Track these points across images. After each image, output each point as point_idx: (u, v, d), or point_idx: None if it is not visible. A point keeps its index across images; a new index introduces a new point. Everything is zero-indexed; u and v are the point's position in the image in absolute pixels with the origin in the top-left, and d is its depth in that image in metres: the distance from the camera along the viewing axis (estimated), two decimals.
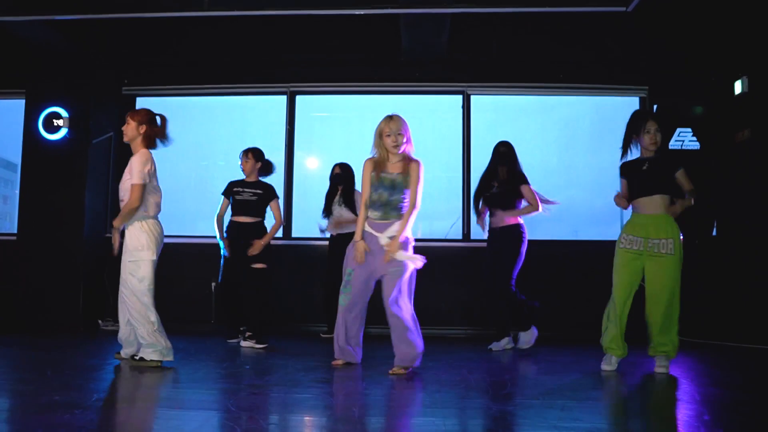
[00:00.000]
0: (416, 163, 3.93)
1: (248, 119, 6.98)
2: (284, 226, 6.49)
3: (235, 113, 6.98)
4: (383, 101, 6.88)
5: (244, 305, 5.10)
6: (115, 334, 5.83)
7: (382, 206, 3.91)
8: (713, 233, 6.13)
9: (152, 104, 6.84)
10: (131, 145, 4.04)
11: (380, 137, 3.89)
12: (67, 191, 6.18)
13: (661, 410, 3.15)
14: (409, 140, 3.92)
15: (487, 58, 6.44)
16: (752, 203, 5.66)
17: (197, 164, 7.27)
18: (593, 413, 2.94)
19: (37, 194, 6.21)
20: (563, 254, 6.23)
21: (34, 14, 5.53)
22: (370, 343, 4.34)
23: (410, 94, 6.61)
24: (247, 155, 5.22)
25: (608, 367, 4.03)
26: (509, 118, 6.69)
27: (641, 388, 3.69)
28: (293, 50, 6.48)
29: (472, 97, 6.52)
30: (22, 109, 6.41)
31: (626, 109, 6.49)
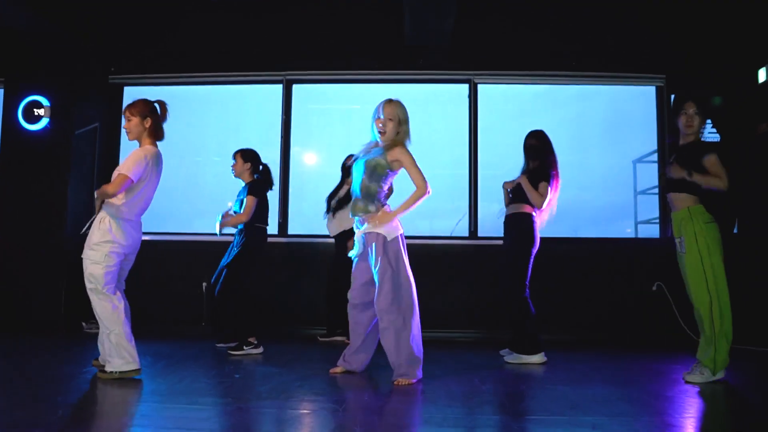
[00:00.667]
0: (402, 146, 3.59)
1: (242, 110, 6.64)
2: (280, 223, 6.13)
3: (228, 104, 6.63)
4: (385, 91, 6.51)
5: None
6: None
7: (355, 193, 3.65)
8: (734, 230, 5.80)
9: (140, 94, 6.52)
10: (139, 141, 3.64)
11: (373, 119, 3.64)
12: (48, 185, 5.81)
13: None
14: (401, 126, 3.61)
15: (495, 44, 6.08)
16: None
17: (191, 160, 6.94)
18: None
19: (16, 188, 5.83)
20: (565, 252, 5.87)
21: None
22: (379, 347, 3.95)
23: (413, 82, 6.25)
24: (234, 157, 4.90)
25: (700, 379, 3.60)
26: (519, 108, 6.34)
27: (676, 399, 3.33)
28: (289, 36, 6.14)
29: (479, 86, 6.16)
30: (0, 97, 6.05)
31: (641, 99, 6.24)
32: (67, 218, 5.82)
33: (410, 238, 3.93)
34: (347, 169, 5.37)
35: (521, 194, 4.42)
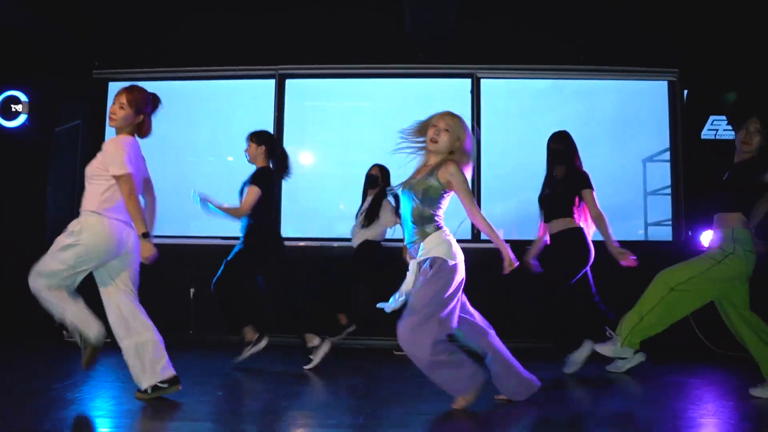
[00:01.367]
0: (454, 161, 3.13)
1: (233, 106, 6.33)
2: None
3: (218, 100, 6.32)
4: (383, 87, 6.26)
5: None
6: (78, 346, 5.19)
7: (406, 222, 3.22)
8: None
9: None
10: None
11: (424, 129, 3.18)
12: (26, 185, 5.52)
13: None
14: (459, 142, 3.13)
15: (499, 37, 5.77)
16: None
17: (183, 160, 6.66)
18: None
19: None
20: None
21: None
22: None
23: (414, 77, 5.94)
24: (247, 140, 4.45)
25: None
26: (523, 104, 6.04)
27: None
28: (282, 29, 5.83)
29: (482, 80, 5.85)
30: None
31: (652, 95, 5.93)
32: (47, 220, 5.51)
33: None
34: (371, 178, 5.12)
35: (566, 207, 4.10)
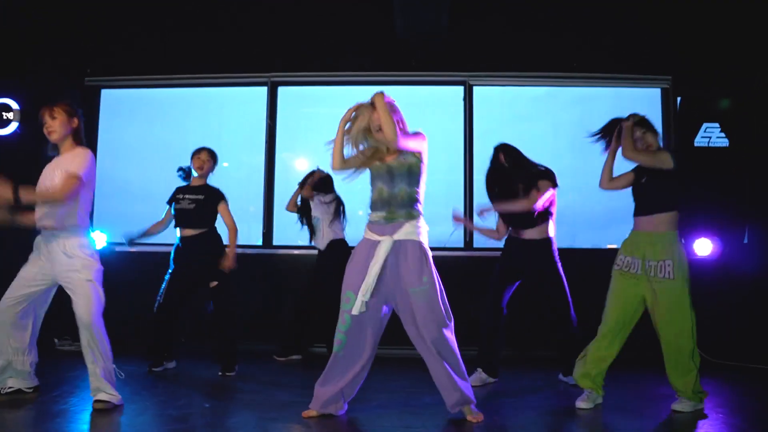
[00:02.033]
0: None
1: (224, 114, 6.30)
2: (264, 233, 5.81)
3: (209, 107, 6.28)
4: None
5: (215, 330, 4.50)
6: (72, 354, 5.17)
7: (384, 204, 3.11)
8: (744, 240, 5.52)
9: (118, 96, 6.25)
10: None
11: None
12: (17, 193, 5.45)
13: None
14: (401, 121, 3.16)
15: (491, 44, 5.76)
16: None
17: (176, 165, 6.60)
18: None
19: None
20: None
21: None
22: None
23: (406, 84, 5.91)
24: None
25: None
26: (516, 112, 6.02)
27: None
28: (275, 37, 5.83)
29: (474, 88, 5.84)
30: None
31: (646, 102, 5.91)
32: (38, 229, 5.46)
33: None
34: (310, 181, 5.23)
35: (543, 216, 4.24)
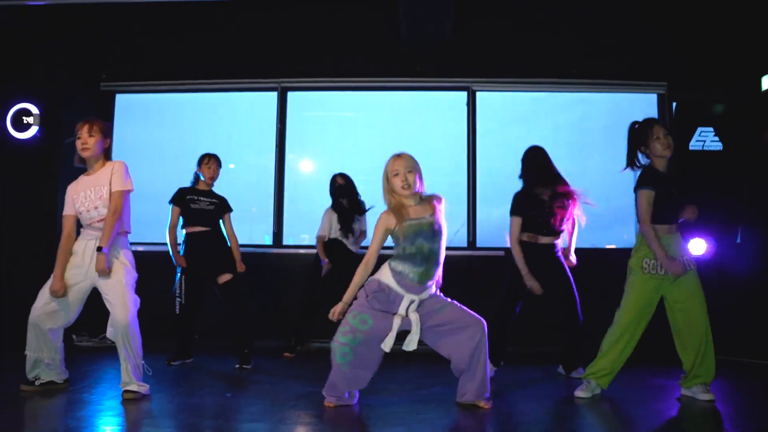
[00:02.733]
0: (440, 198, 3.36)
1: (236, 118, 6.50)
2: (275, 233, 6.02)
3: (222, 111, 6.49)
4: (380, 99, 6.43)
5: (231, 325, 4.67)
6: (91, 350, 5.37)
7: (424, 261, 3.25)
8: (737, 240, 5.68)
9: (132, 101, 6.45)
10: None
11: (387, 179, 3.27)
12: (38, 195, 5.63)
13: None
14: (421, 179, 3.31)
15: (493, 51, 5.97)
16: None
17: (187, 167, 6.78)
18: None
19: (5, 197, 5.68)
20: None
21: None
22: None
23: (410, 90, 6.13)
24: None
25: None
26: (518, 116, 6.22)
27: None
28: (285, 44, 6.03)
29: (477, 93, 6.05)
30: None
31: (643, 106, 6.12)
32: (57, 228, 5.65)
33: None
34: (338, 188, 5.36)
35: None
